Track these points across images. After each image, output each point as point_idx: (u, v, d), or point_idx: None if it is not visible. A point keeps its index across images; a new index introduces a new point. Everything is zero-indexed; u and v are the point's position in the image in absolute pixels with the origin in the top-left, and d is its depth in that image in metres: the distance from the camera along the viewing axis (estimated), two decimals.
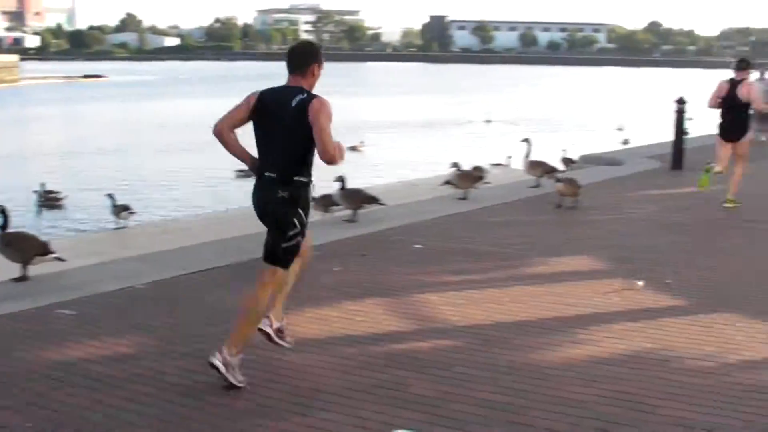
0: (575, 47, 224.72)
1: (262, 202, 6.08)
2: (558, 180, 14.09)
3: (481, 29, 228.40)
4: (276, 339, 6.62)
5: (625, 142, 34.70)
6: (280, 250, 6.13)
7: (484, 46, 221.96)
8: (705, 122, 25.07)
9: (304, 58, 6.16)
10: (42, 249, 9.42)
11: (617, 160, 20.31)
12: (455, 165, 14.96)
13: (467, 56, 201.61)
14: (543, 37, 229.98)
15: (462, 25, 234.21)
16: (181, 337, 7.26)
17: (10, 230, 9.52)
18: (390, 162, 29.31)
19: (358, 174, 25.09)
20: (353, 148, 31.41)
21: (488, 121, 47.44)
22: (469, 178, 14.71)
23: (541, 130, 43.17)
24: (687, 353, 7.04)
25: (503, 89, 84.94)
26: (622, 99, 70.09)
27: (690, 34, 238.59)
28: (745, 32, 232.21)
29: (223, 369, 6.12)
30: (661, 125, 33.36)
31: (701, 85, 30.36)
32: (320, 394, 6.11)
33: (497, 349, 7.10)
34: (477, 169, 17.91)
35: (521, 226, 12.47)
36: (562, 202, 13.87)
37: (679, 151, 18.87)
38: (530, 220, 12.96)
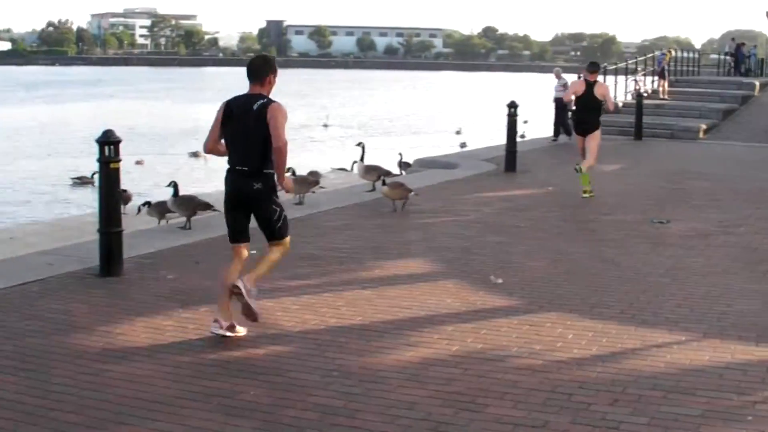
0: (412, 52, 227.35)
1: (237, 191, 7.39)
2: (384, 184, 14.25)
3: (319, 34, 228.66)
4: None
5: (463, 145, 35.33)
6: (275, 228, 7.52)
7: (322, 51, 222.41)
8: (540, 125, 25.84)
9: (262, 70, 7.50)
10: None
11: (452, 164, 20.61)
12: (290, 170, 14.90)
13: (305, 61, 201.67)
14: (380, 42, 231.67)
15: (300, 30, 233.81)
16: None
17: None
18: (223, 169, 29.05)
19: (199, 180, 24.85)
20: (195, 154, 31.20)
21: (326, 126, 47.64)
22: (304, 183, 14.70)
23: (378, 134, 43.62)
24: (517, 352, 7.20)
25: (341, 94, 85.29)
26: (460, 103, 71.37)
27: (524, 39, 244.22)
28: (577, 37, 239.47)
29: (245, 293, 7.43)
30: (497, 128, 34.10)
31: (536, 89, 31.19)
32: (150, 403, 6.00)
33: (331, 354, 7.10)
34: (312, 173, 17.93)
35: (356, 230, 12.53)
36: (395, 205, 14.01)
37: (511, 154, 19.30)
38: (365, 224, 13.03)
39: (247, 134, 7.27)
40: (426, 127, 48.27)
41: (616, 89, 32.45)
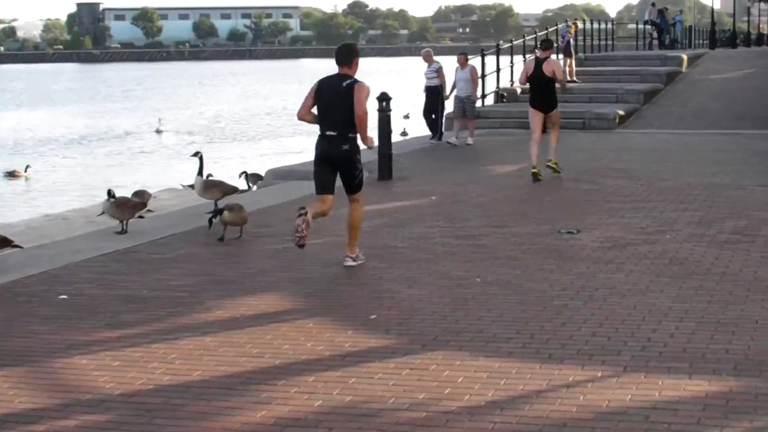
0: (263, 37, 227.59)
1: (328, 152, 11.66)
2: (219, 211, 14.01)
3: (145, 18, 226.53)
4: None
5: None
6: (354, 184, 11.94)
7: (151, 40, 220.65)
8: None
9: (349, 56, 11.73)
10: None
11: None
12: (109, 192, 14.72)
13: (130, 53, 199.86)
14: (223, 26, 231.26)
15: (120, 14, 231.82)
16: None
17: None
18: (47, 190, 29.19)
19: (6, 207, 24.48)
20: (12, 174, 31.06)
21: (159, 132, 47.29)
22: (125, 208, 14.49)
23: (224, 140, 43.49)
24: (395, 404, 7.18)
25: (177, 92, 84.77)
26: None
27: (401, 15, 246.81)
28: (465, 10, 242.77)
29: (355, 263, 11.82)
30: (372, 126, 34.27)
31: (417, 76, 31.47)
32: None
33: (161, 420, 7.00)
34: (138, 194, 17.71)
35: (194, 262, 12.40)
36: (228, 232, 13.80)
37: (386, 157, 19.32)
38: (205, 254, 12.91)
39: (336, 106, 11.45)
40: (284, 128, 48.32)
41: (513, 72, 32.96)
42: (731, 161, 21.10)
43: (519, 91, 31.30)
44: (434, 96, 25.19)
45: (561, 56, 34.45)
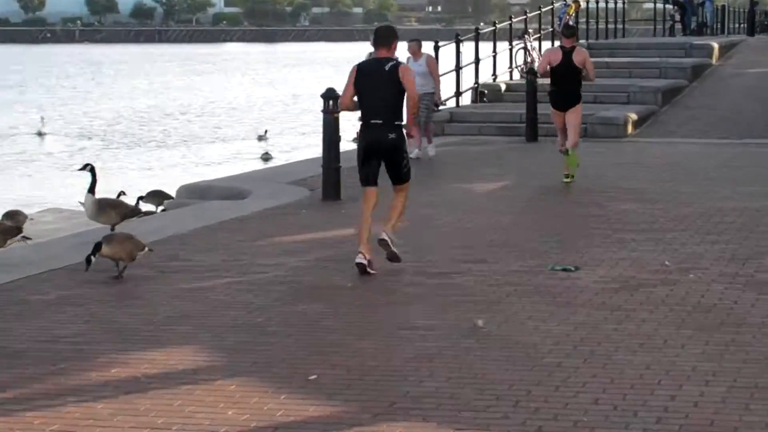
0: (177, 14, 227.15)
1: (375, 142, 13.40)
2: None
3: None
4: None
5: (267, 157, 35.53)
6: (402, 173, 13.65)
7: (31, 15, 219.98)
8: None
9: (388, 37, 13.58)
10: None
11: (241, 191, 20.54)
12: None
13: (4, 32, 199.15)
14: (125, 2, 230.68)
15: None
16: None
17: None
18: None
19: None
20: None
21: (41, 134, 47.11)
22: None
23: (123, 147, 43.37)
24: None
25: (65, 83, 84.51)
26: (263, 92, 71.63)
27: None
28: None
29: (389, 242, 13.60)
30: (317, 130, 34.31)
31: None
32: None
33: None
34: (11, 216, 17.61)
35: (81, 304, 12.31)
36: (119, 267, 13.67)
37: (332, 172, 19.30)
38: (96, 294, 12.83)
39: (380, 91, 13.30)
40: (203, 132, 48.13)
41: (495, 63, 33.10)
42: None
43: (503, 88, 31.48)
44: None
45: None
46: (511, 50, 34.67)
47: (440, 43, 28.83)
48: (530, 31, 36.10)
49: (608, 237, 15.72)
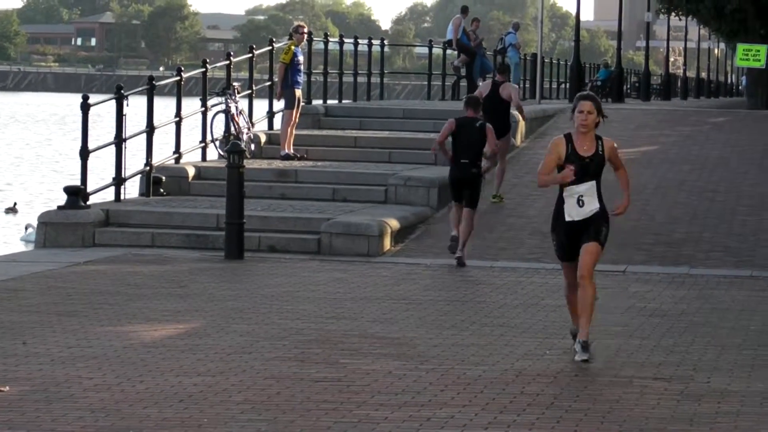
0: None
1: (462, 175, 31.03)
2: None
3: None
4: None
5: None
6: (476, 200, 31.33)
7: None
8: None
9: (478, 104, 32.78)
10: None
11: None
12: None
13: None
14: None
15: None
16: None
17: None
18: None
19: None
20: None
21: None
22: None
23: None
24: None
25: None
26: None
27: None
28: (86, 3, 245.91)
29: (464, 258, 31.08)
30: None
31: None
32: None
33: None
34: None
35: None
36: None
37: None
38: None
39: (472, 142, 30.58)
40: None
41: (180, 132, 33.38)
42: None
43: (191, 173, 31.86)
44: None
45: (283, 108, 34.86)
46: (204, 114, 34.85)
47: (93, 100, 28.97)
48: (236, 84, 36.37)
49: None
